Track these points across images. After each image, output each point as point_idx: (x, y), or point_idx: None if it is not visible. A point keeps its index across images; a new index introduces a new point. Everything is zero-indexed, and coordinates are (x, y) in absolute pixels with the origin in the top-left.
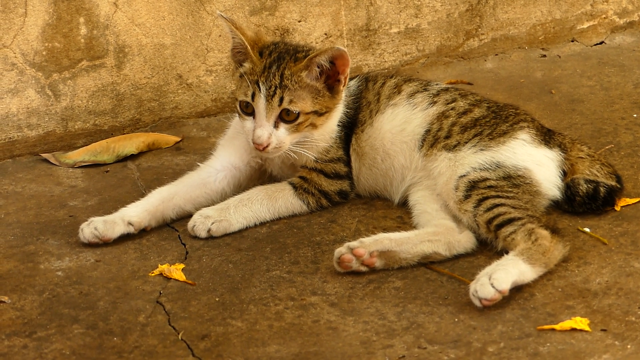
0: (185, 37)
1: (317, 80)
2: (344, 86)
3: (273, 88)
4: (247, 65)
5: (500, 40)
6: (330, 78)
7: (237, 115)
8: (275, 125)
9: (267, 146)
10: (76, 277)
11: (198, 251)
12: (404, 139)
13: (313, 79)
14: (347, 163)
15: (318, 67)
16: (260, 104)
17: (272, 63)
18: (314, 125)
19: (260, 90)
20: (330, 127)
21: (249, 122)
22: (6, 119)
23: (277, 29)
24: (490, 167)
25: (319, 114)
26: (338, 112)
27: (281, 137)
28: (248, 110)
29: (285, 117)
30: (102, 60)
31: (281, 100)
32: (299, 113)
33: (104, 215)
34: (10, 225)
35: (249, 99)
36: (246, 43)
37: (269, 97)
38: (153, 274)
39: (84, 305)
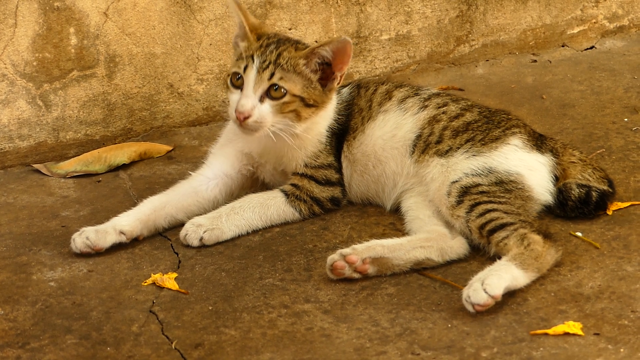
0: (176, 46)
1: (313, 73)
2: (338, 84)
3: (267, 62)
4: (243, 44)
5: (491, 46)
6: (325, 79)
7: (226, 89)
8: (261, 100)
9: (247, 117)
10: (69, 288)
11: (191, 260)
12: (395, 144)
13: (309, 70)
14: (339, 170)
15: (318, 59)
16: (251, 75)
17: (270, 44)
18: (298, 115)
19: (253, 62)
20: (317, 129)
21: (235, 95)
22: None
23: None
24: (482, 172)
25: (306, 103)
26: (327, 115)
27: (264, 113)
28: (237, 83)
29: (273, 93)
30: (92, 70)
31: (272, 75)
32: (286, 92)
33: (96, 225)
34: (2, 236)
35: (240, 71)
36: (245, 23)
37: (261, 70)
38: (146, 284)
39: (77, 316)
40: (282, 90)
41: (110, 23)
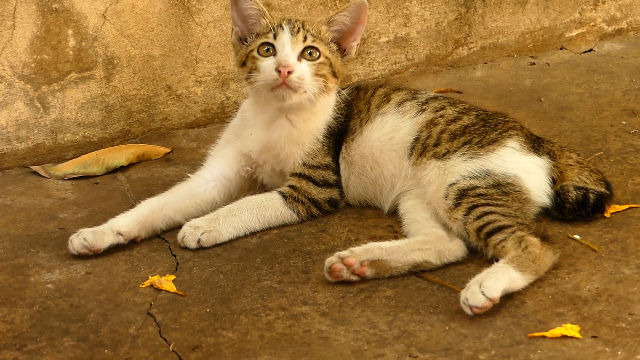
0: (174, 48)
1: (333, 42)
2: (355, 52)
3: (297, 28)
4: (264, 21)
5: (489, 49)
6: (340, 51)
7: (243, 79)
8: (298, 60)
9: (291, 72)
10: (66, 290)
11: (189, 262)
12: (393, 147)
13: (329, 39)
14: (336, 171)
15: (337, 26)
16: (284, 38)
17: (290, 19)
18: (326, 81)
19: (283, 29)
20: (315, 121)
21: (267, 60)
22: None
23: None
24: (479, 175)
25: (332, 70)
26: (326, 108)
27: (304, 70)
28: (266, 54)
29: (307, 56)
30: (91, 72)
31: (305, 38)
32: (320, 54)
33: (94, 227)
34: (0, 238)
35: (270, 39)
36: (262, 7)
37: (294, 33)
38: (144, 286)
39: (75, 318)
40: (317, 52)
41: (109, 25)
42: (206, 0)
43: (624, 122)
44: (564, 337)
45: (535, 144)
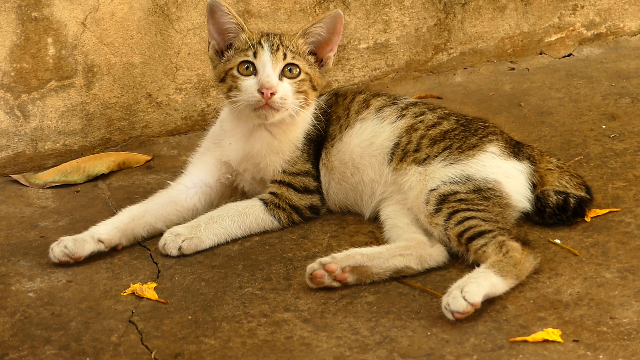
0: (154, 56)
1: (310, 54)
2: (333, 63)
3: (276, 45)
4: (243, 36)
5: (469, 54)
6: (317, 62)
7: (222, 94)
8: (279, 79)
9: (274, 93)
10: (48, 298)
11: (170, 269)
12: (373, 152)
13: (307, 51)
14: (317, 178)
15: (312, 38)
16: (265, 57)
17: (268, 33)
18: (306, 97)
19: (263, 47)
20: (294, 131)
21: (249, 80)
22: None
23: None
24: (460, 180)
25: (312, 84)
26: (305, 118)
27: (287, 90)
28: (246, 72)
29: (287, 73)
30: (71, 80)
31: (285, 55)
32: (300, 71)
33: (74, 235)
34: None
35: (250, 58)
36: (241, 21)
37: (274, 51)
38: (125, 294)
39: (56, 326)
40: (297, 69)
41: (89, 33)
42: (186, 7)
43: (603, 127)
44: (546, 341)
45: (515, 149)
